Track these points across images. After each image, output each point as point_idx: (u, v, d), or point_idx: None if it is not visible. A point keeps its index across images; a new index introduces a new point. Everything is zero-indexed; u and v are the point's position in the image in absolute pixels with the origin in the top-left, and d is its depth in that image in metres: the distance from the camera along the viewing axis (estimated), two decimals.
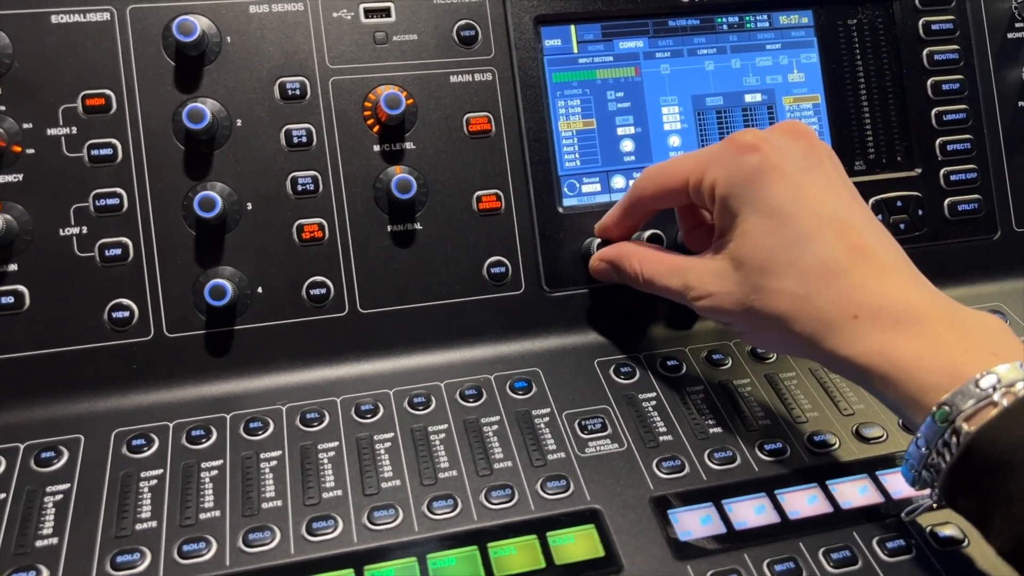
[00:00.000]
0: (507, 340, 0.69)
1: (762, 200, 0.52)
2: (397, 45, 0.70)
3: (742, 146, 0.54)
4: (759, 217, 0.52)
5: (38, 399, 0.62)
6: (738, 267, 0.53)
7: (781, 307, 0.51)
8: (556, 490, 0.57)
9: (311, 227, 0.67)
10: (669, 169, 0.59)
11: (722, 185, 0.54)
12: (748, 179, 0.53)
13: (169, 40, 0.66)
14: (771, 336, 0.54)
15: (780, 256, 0.51)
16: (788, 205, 0.52)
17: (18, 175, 0.63)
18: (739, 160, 0.54)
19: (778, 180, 0.52)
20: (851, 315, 0.49)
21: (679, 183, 0.58)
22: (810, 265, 0.51)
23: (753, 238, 0.53)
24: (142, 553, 0.52)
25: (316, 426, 0.61)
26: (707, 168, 0.56)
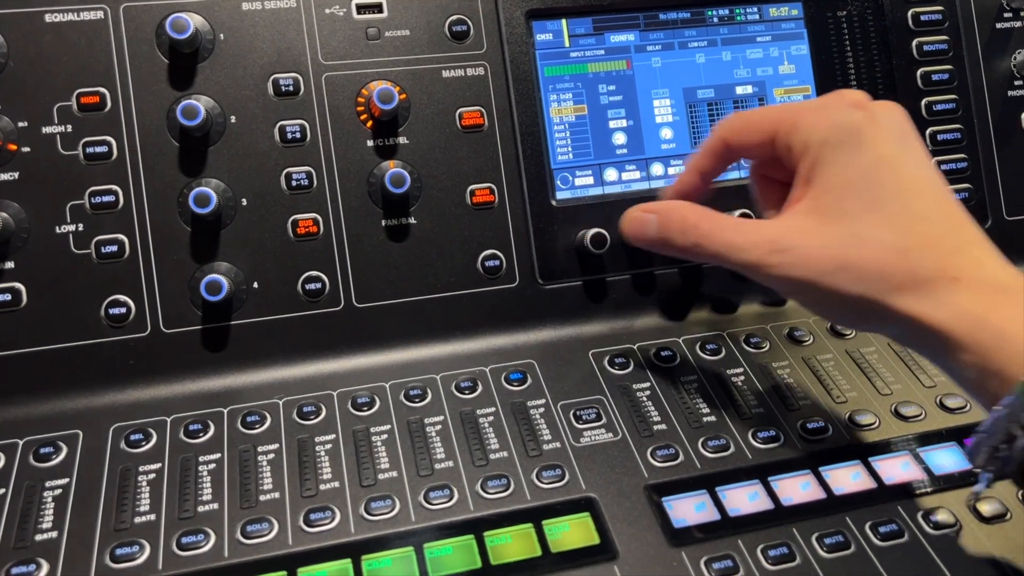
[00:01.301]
0: (502, 332, 0.70)
1: (868, 151, 0.51)
2: (389, 41, 0.71)
3: (851, 101, 0.53)
4: (862, 167, 0.51)
5: (36, 395, 0.62)
6: (831, 219, 0.51)
7: (876, 260, 0.49)
8: (551, 479, 0.57)
9: (306, 222, 0.68)
10: (760, 112, 0.57)
11: (824, 131, 0.52)
12: (855, 130, 0.51)
13: (163, 38, 0.67)
14: (850, 296, 0.50)
15: (883, 207, 0.49)
16: (893, 160, 0.51)
17: (14, 173, 0.64)
18: (847, 112, 0.52)
19: (885, 138, 0.51)
20: (950, 277, 0.48)
21: (769, 126, 0.55)
22: (913, 220, 0.49)
23: (855, 186, 0.50)
24: (141, 545, 0.52)
25: (313, 419, 0.62)
26: (804, 115, 0.54)
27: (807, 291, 0.52)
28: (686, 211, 0.57)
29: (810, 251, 0.51)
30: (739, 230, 0.54)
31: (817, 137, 0.52)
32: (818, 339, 0.70)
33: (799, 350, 0.69)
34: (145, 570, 0.51)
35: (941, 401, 0.64)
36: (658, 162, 0.75)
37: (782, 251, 0.52)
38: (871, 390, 0.65)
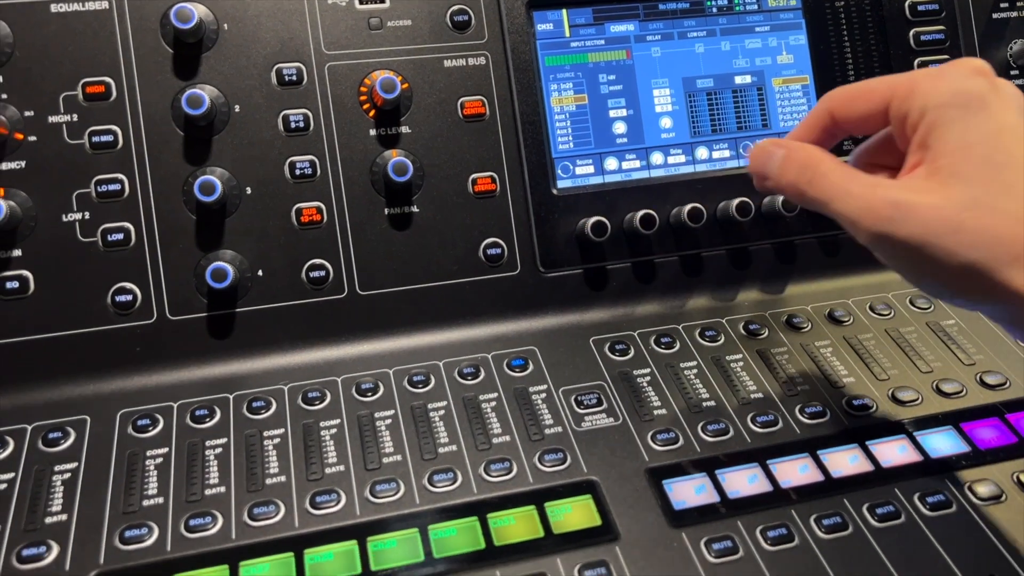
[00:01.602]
0: (504, 320, 0.71)
1: (991, 117, 0.48)
2: (392, 30, 0.71)
3: (974, 68, 0.50)
4: (984, 132, 0.48)
5: (44, 381, 0.63)
6: (950, 182, 0.48)
7: (994, 226, 0.46)
8: (553, 462, 0.58)
9: (310, 210, 0.68)
10: (871, 81, 0.53)
11: (945, 95, 0.49)
12: (978, 95, 0.49)
13: (167, 27, 0.67)
14: (961, 263, 0.47)
15: (1005, 174, 0.47)
16: (1017, 129, 0.48)
17: (20, 162, 0.64)
18: (969, 78, 0.50)
19: (1008, 106, 0.49)
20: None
21: (883, 94, 0.52)
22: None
23: (977, 151, 0.48)
24: (150, 528, 0.53)
25: (318, 404, 0.62)
26: (922, 80, 0.50)
27: (915, 254, 0.48)
28: (812, 150, 0.54)
29: (927, 210, 0.47)
30: (858, 180, 0.51)
31: (937, 100, 0.49)
32: (816, 326, 0.71)
33: (797, 337, 0.70)
34: (154, 552, 0.52)
35: (937, 386, 0.65)
36: (658, 151, 0.75)
37: (897, 205, 0.48)
38: (869, 376, 0.66)
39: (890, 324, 0.71)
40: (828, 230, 0.77)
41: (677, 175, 0.75)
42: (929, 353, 0.68)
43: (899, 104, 0.51)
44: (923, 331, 0.71)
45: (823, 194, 0.51)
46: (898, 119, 0.51)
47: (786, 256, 0.76)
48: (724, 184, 0.75)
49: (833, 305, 0.73)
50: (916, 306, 0.73)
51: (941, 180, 0.48)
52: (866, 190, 0.49)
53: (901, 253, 0.50)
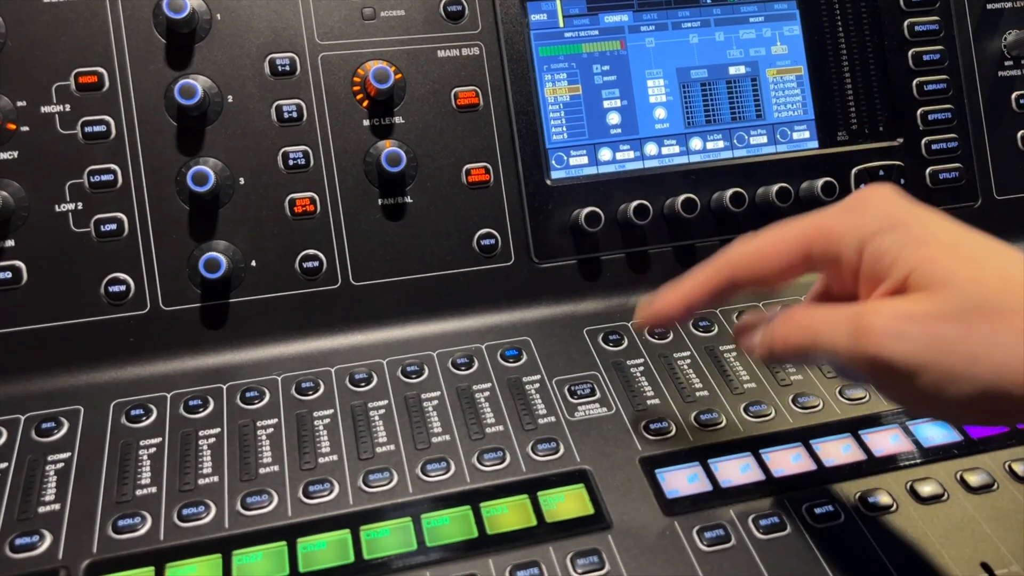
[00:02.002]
0: (498, 310, 0.71)
1: (919, 235, 0.42)
2: (385, 21, 0.71)
3: (878, 191, 0.45)
4: (931, 250, 0.41)
5: (37, 372, 0.63)
6: (938, 290, 0.41)
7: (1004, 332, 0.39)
8: (546, 452, 0.58)
9: (303, 201, 0.68)
10: (771, 242, 0.47)
11: (873, 223, 0.44)
12: (903, 210, 0.44)
13: (160, 18, 0.67)
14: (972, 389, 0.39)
15: (982, 272, 0.40)
16: (954, 234, 0.42)
17: (13, 152, 0.64)
18: (878, 202, 0.45)
19: (929, 217, 0.44)
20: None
21: (794, 249, 0.46)
22: None
23: (934, 270, 0.41)
24: (143, 517, 0.53)
25: (311, 395, 0.62)
26: (835, 223, 0.45)
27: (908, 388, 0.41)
28: (794, 313, 0.47)
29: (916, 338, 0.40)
30: (835, 318, 0.44)
31: (869, 231, 0.44)
32: None
33: None
34: (147, 541, 0.52)
35: None
36: (652, 142, 0.75)
37: (887, 333, 0.40)
38: None
39: None
40: None
41: (671, 166, 0.75)
42: None
43: (824, 250, 0.45)
44: None
45: (808, 334, 0.45)
46: (829, 262, 0.46)
47: None
48: (718, 175, 0.75)
49: None
50: None
51: (924, 291, 0.41)
52: (843, 323, 0.43)
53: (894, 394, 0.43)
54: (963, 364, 0.39)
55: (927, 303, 0.40)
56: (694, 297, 0.50)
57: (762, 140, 0.77)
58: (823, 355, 0.44)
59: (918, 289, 0.41)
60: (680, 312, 0.51)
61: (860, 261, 0.44)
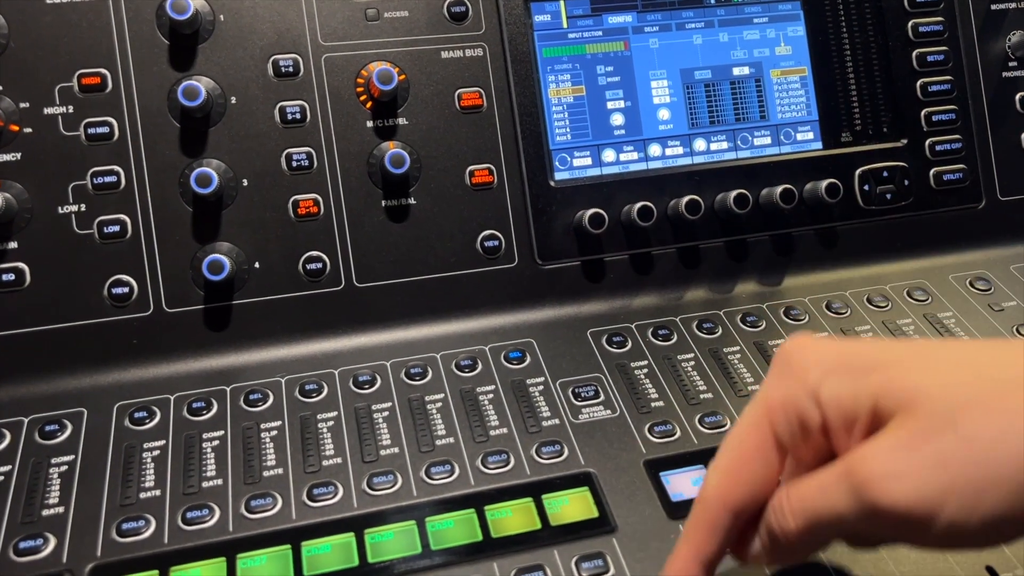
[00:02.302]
0: (501, 312, 0.71)
1: (863, 363, 0.39)
2: (388, 22, 0.71)
3: (795, 344, 0.42)
4: (879, 372, 0.38)
5: (40, 374, 0.63)
6: (915, 421, 0.36)
7: (1002, 417, 0.34)
8: (550, 455, 0.58)
9: (306, 202, 0.68)
10: (734, 437, 0.42)
11: (812, 379, 0.39)
12: (828, 360, 0.40)
13: (163, 19, 0.67)
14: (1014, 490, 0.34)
15: (947, 375, 0.37)
16: (888, 348, 0.39)
17: (16, 154, 0.64)
18: (804, 352, 0.41)
19: (856, 344, 0.40)
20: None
21: (762, 435, 0.41)
22: (989, 359, 0.37)
23: (899, 391, 0.37)
24: (147, 520, 0.53)
25: (315, 397, 0.62)
26: (774, 387, 0.41)
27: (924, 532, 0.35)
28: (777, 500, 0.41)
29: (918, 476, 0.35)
30: (827, 481, 0.38)
31: (815, 380, 0.40)
32: (813, 318, 0.71)
33: (795, 328, 0.70)
34: (151, 544, 0.52)
35: None
36: (656, 143, 0.75)
37: (888, 478, 0.35)
38: None
39: (887, 316, 0.71)
40: (825, 222, 0.77)
41: (675, 167, 0.75)
42: None
43: (786, 422, 0.41)
44: (920, 323, 0.71)
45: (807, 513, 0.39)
46: (797, 431, 0.40)
47: (784, 248, 0.76)
48: (722, 176, 0.75)
49: (830, 297, 0.73)
50: (913, 298, 0.73)
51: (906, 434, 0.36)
52: (840, 482, 0.37)
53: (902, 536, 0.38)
54: (980, 473, 0.34)
55: (910, 425, 0.35)
56: (700, 552, 0.42)
57: (766, 141, 0.77)
58: (830, 528, 0.38)
59: (891, 415, 0.37)
60: (699, 571, 0.42)
61: (823, 414, 0.39)
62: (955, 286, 0.75)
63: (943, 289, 0.75)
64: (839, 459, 0.38)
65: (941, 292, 0.74)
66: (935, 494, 0.34)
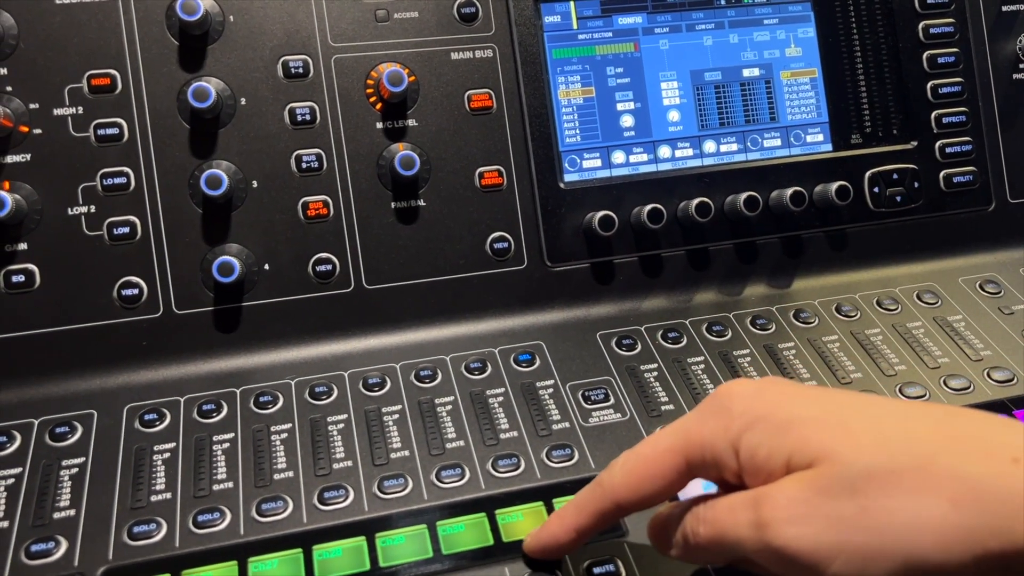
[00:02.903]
0: (511, 314, 0.71)
1: (785, 417, 0.41)
2: (398, 23, 0.71)
3: (728, 389, 0.44)
4: (800, 429, 0.40)
5: (51, 375, 0.63)
6: (820, 477, 0.38)
7: (901, 492, 0.36)
8: (561, 458, 0.58)
9: (316, 204, 0.68)
10: (651, 450, 0.45)
11: (734, 430, 0.42)
12: (759, 412, 0.42)
13: (172, 20, 0.67)
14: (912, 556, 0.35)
15: (859, 439, 0.38)
16: (821, 405, 0.41)
17: (26, 155, 0.64)
18: (737, 401, 0.43)
19: (791, 397, 0.42)
20: (1009, 459, 0.35)
21: (676, 460, 0.44)
22: (903, 430, 0.38)
23: (810, 448, 0.39)
24: (158, 523, 0.53)
25: (325, 399, 0.62)
26: (702, 425, 0.43)
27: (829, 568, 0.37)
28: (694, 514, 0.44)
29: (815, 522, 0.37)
30: (733, 498, 0.41)
31: (737, 430, 0.42)
32: (823, 321, 0.71)
33: (804, 331, 0.69)
34: (162, 547, 0.52)
35: (945, 381, 0.65)
36: (665, 145, 0.75)
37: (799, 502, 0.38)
38: (876, 371, 0.66)
39: (897, 319, 0.71)
40: (835, 224, 0.77)
41: (684, 169, 0.75)
42: (936, 348, 0.68)
43: (701, 461, 0.43)
44: (930, 326, 0.70)
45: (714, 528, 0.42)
46: (710, 469, 0.43)
47: (793, 250, 0.76)
48: (732, 178, 0.75)
49: (840, 300, 0.73)
50: (923, 301, 0.73)
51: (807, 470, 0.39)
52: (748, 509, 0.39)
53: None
54: (870, 540, 0.36)
55: (813, 481, 0.38)
56: (582, 525, 0.48)
57: (776, 143, 0.77)
58: (734, 548, 0.41)
59: (803, 468, 0.39)
60: (569, 540, 0.48)
61: (739, 464, 0.41)
62: (965, 289, 0.75)
63: (953, 292, 0.75)
64: (753, 489, 0.40)
65: (951, 295, 0.74)
66: (826, 549, 0.36)
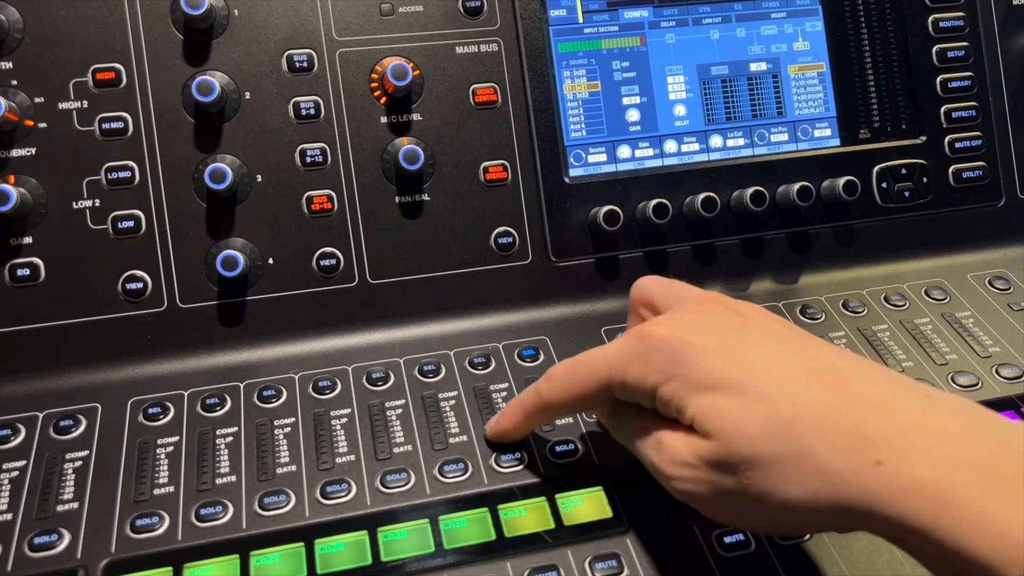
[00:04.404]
0: (515, 309, 0.70)
1: (697, 381, 0.44)
2: (403, 16, 0.71)
3: (655, 339, 0.47)
4: (705, 398, 0.44)
5: (55, 369, 0.63)
6: (707, 451, 0.43)
7: (774, 479, 0.41)
8: (564, 454, 0.58)
9: (320, 198, 0.68)
10: (582, 374, 0.50)
11: (651, 381, 0.46)
12: (675, 370, 0.45)
13: (177, 13, 0.67)
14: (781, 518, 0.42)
15: (748, 425, 0.42)
16: (731, 375, 0.44)
17: (31, 149, 0.64)
18: (659, 353, 0.46)
19: (708, 358, 0.45)
20: (871, 462, 0.39)
21: (598, 387, 0.50)
22: (790, 417, 0.41)
23: (706, 421, 0.43)
24: (161, 516, 0.53)
25: (328, 394, 0.62)
26: (627, 367, 0.47)
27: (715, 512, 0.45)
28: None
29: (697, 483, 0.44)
30: (649, 443, 0.48)
31: (649, 384, 0.46)
32: (830, 317, 0.70)
33: (810, 327, 0.69)
34: (164, 540, 0.52)
35: (953, 378, 0.64)
36: (671, 139, 0.75)
37: (672, 478, 0.46)
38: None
39: (905, 315, 0.71)
40: (842, 219, 0.76)
41: (691, 163, 0.75)
42: (944, 345, 0.67)
43: (623, 394, 0.49)
44: (938, 322, 0.70)
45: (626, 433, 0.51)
46: (626, 396, 0.49)
47: (800, 246, 0.76)
48: (738, 173, 0.74)
49: (847, 296, 0.73)
50: (931, 297, 0.73)
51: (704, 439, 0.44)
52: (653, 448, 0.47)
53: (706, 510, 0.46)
54: (745, 505, 0.43)
55: (704, 452, 0.43)
56: (526, 420, 0.56)
57: (783, 138, 0.76)
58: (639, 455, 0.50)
59: (700, 435, 0.44)
60: (516, 432, 0.57)
61: (653, 402, 0.47)
62: (974, 285, 0.75)
63: (961, 288, 0.74)
64: (660, 430, 0.47)
65: (959, 291, 0.74)
66: (706, 503, 0.45)
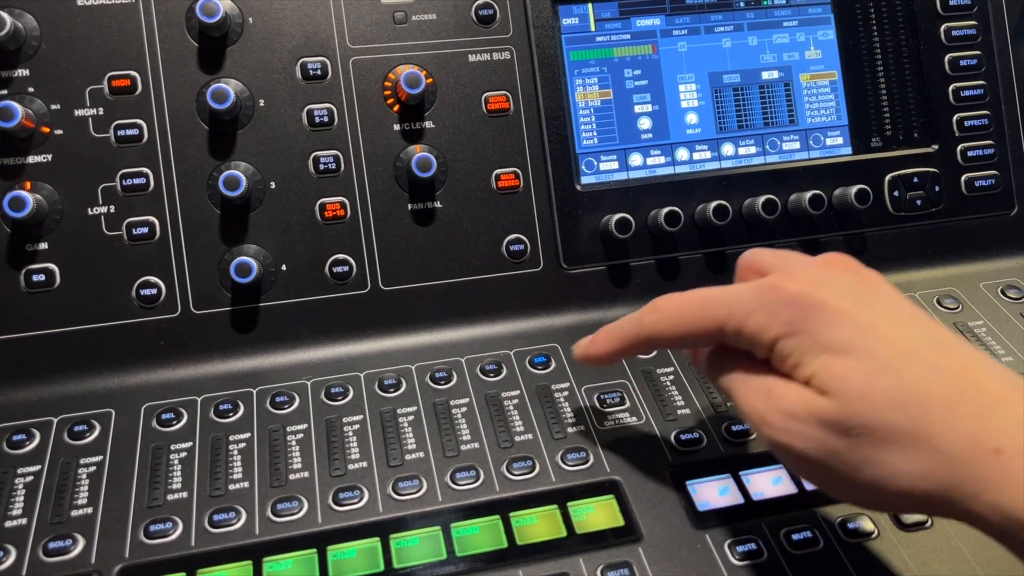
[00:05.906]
0: (526, 316, 0.70)
1: (825, 341, 0.43)
2: (416, 25, 0.71)
3: (786, 293, 0.45)
4: (829, 358, 0.43)
5: (69, 374, 0.63)
6: (824, 409, 0.42)
7: (886, 449, 0.40)
8: (576, 462, 0.58)
9: (333, 205, 0.68)
10: (696, 313, 0.49)
11: (773, 333, 0.45)
12: (803, 326, 0.44)
13: (192, 22, 0.67)
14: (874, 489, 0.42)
15: (872, 391, 0.41)
16: (860, 340, 0.43)
17: (47, 155, 0.65)
18: (787, 307, 0.45)
19: (838, 320, 0.44)
20: (991, 449, 0.38)
21: (712, 327, 0.48)
22: (916, 392, 0.40)
23: (828, 380, 0.42)
24: (174, 522, 0.53)
25: (341, 400, 0.62)
26: (749, 314, 0.46)
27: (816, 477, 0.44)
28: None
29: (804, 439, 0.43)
30: (758, 389, 0.46)
31: (770, 336, 0.45)
32: None
33: None
34: (178, 546, 0.52)
35: None
36: (683, 147, 0.75)
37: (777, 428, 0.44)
38: None
39: None
40: (854, 228, 0.76)
41: (702, 171, 0.75)
42: None
43: (736, 341, 0.47)
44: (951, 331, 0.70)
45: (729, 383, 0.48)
46: (739, 343, 0.47)
47: (812, 254, 0.75)
48: (750, 181, 0.74)
49: None
50: (943, 306, 0.73)
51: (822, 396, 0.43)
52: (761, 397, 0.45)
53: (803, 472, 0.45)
54: (846, 472, 0.42)
55: (820, 410, 0.42)
56: (622, 348, 0.54)
57: (795, 146, 0.76)
58: (737, 406, 0.47)
59: (817, 392, 0.43)
60: (608, 358, 0.55)
61: (770, 354, 0.46)
62: (986, 294, 0.74)
63: (974, 297, 0.74)
64: (771, 378, 0.45)
65: (972, 300, 0.74)
66: (803, 462, 0.43)
